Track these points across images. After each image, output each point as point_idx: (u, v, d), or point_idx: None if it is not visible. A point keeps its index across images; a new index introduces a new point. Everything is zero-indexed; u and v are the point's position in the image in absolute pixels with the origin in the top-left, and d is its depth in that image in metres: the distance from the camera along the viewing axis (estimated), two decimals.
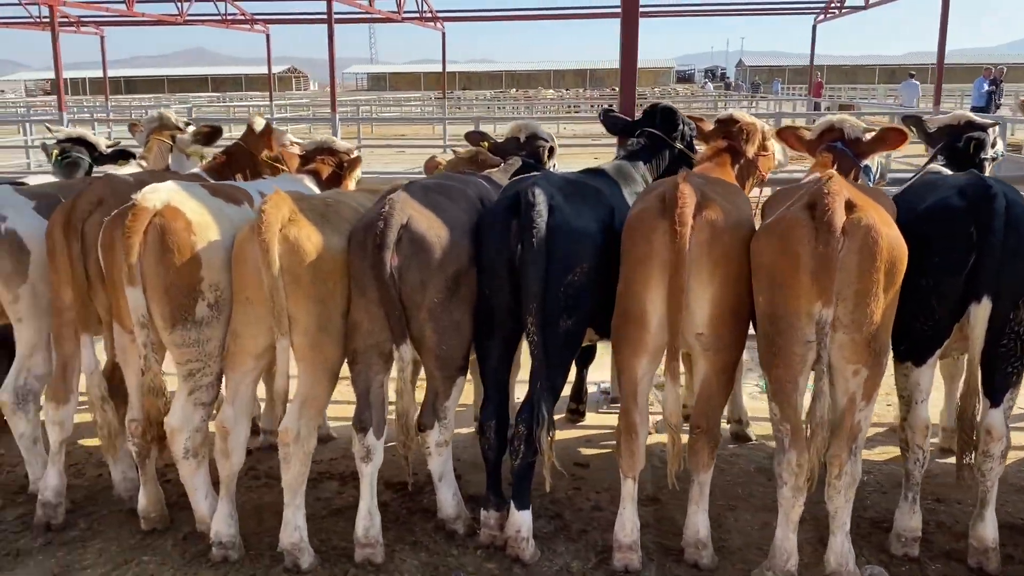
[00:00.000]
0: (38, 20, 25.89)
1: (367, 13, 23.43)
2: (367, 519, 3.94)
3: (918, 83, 31.51)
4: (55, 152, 5.66)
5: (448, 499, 4.18)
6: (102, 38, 28.47)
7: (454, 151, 5.38)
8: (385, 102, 45.94)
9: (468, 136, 5.70)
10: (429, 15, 28.69)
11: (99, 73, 30.69)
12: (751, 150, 4.82)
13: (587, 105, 47.46)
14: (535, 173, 4.52)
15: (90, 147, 5.82)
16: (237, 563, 3.96)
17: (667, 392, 3.72)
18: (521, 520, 3.95)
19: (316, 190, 4.98)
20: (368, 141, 22.94)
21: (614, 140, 5.96)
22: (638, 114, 5.43)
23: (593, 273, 3.89)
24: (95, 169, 5.84)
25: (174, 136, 5.82)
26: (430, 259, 3.75)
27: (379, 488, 4.15)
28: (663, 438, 4.05)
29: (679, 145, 5.18)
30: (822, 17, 30.33)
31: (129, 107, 35.37)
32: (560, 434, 4.28)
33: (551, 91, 57.88)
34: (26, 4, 24.22)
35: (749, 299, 3.67)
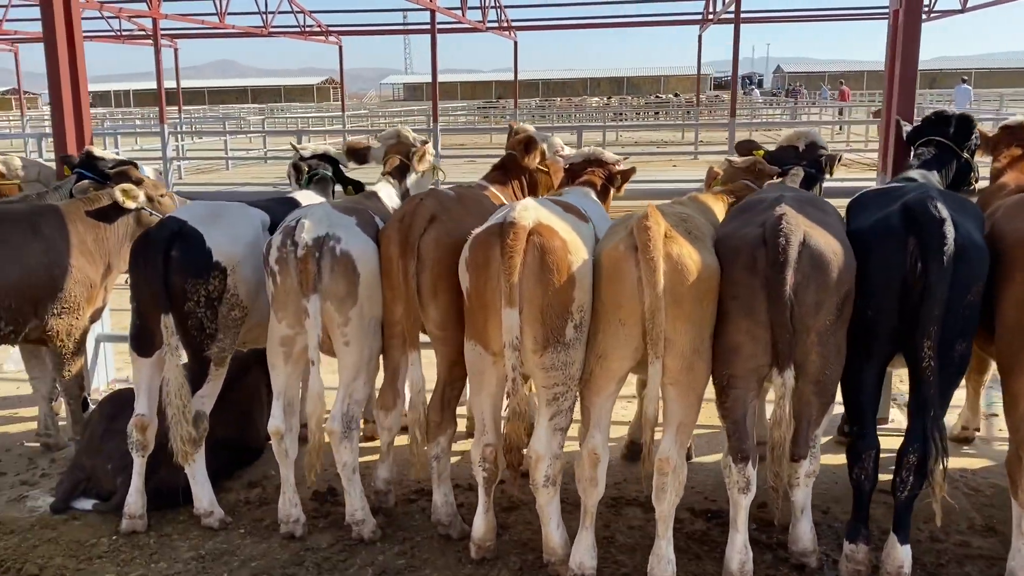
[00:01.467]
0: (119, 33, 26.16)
1: (458, 22, 23.32)
2: (742, 553, 3.73)
3: (970, 87, 31.10)
4: (305, 170, 5.51)
5: (806, 532, 3.95)
6: (175, 50, 28.63)
7: (728, 160, 5.16)
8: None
9: (739, 146, 5.48)
10: (505, 24, 28.58)
11: (142, 84, 30.85)
12: None
13: (632, 112, 47.35)
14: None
15: (334, 163, 5.67)
16: None
17: None
18: (904, 555, 3.72)
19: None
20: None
21: (678, 147, 5.60)
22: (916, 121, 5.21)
23: (982, 292, 3.68)
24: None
25: (409, 153, 5.63)
26: (827, 278, 3.54)
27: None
28: None
29: (966, 155, 4.96)
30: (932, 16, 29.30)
31: (204, 118, 35.50)
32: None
33: (595, 99, 57.53)
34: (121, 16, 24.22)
35: None
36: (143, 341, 4.25)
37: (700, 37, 31.31)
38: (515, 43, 31.04)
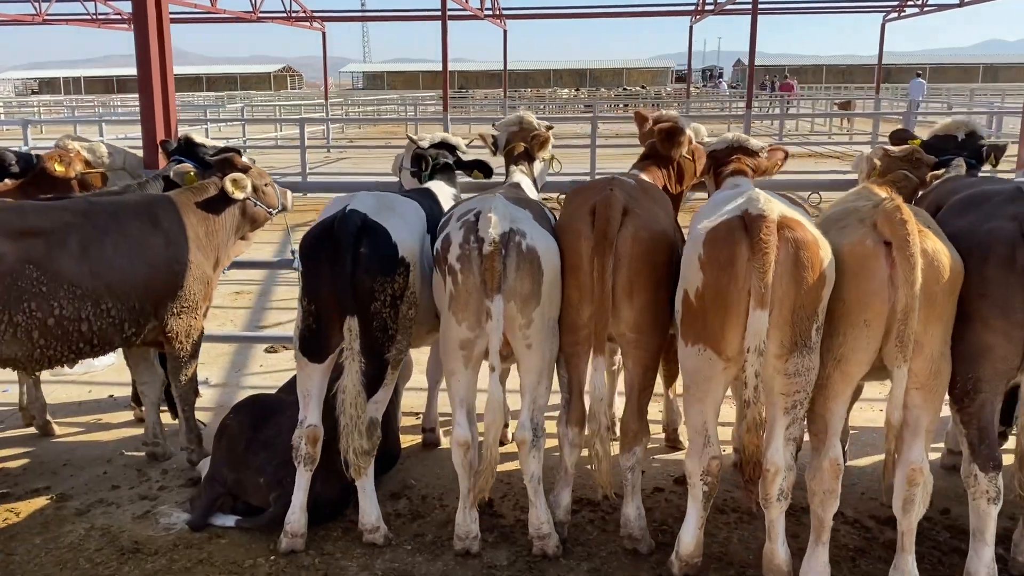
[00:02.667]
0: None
1: (463, 9, 22.86)
2: (990, 567, 3.52)
3: (924, 81, 31.67)
4: (430, 159, 5.16)
5: None
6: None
7: (884, 149, 4.94)
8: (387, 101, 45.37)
9: (893, 135, 5.27)
10: (497, 12, 28.15)
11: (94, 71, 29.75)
12: None
13: (606, 104, 47.11)
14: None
15: (452, 150, 5.33)
16: None
17: None
18: None
19: None
20: None
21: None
22: None
23: None
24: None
25: (531, 138, 5.31)
26: None
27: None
28: None
29: None
30: (894, 16, 29.89)
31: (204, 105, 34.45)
32: None
33: (565, 91, 57.34)
34: None
35: None
36: (317, 345, 3.89)
37: (691, 28, 31.23)
38: (504, 32, 30.64)
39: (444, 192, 4.93)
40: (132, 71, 6.20)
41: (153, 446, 5.07)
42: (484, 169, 5.29)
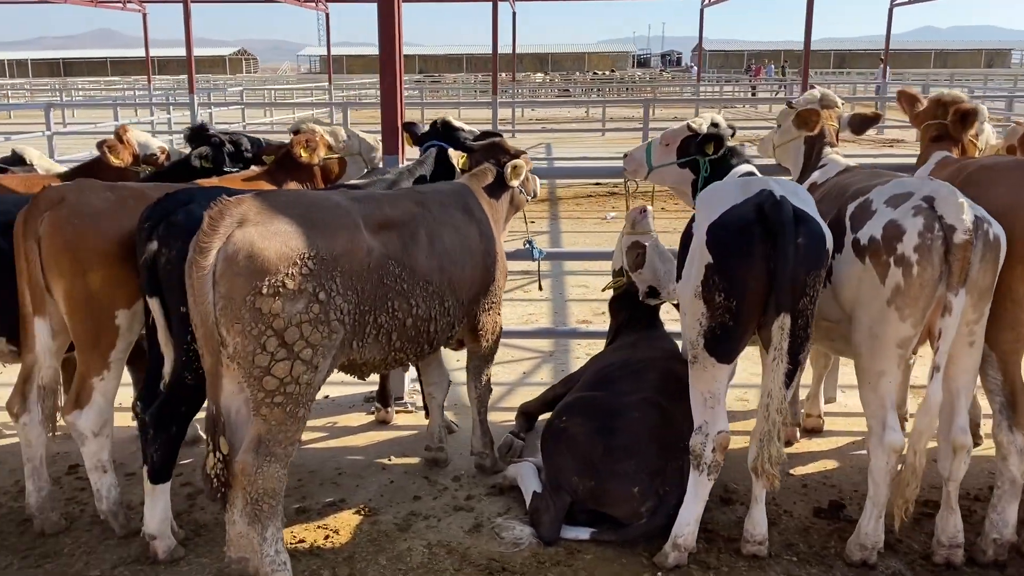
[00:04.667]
0: None
1: None
2: None
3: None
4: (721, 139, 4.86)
5: None
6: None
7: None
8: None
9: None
10: None
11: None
12: None
13: (580, 89, 46.85)
14: None
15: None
16: None
17: None
18: None
19: None
20: None
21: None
22: None
23: None
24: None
25: (839, 116, 5.01)
26: None
27: None
28: None
29: None
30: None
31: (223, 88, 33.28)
32: None
33: (539, 74, 56.97)
34: None
35: None
36: (730, 345, 3.59)
37: (702, 11, 31.01)
38: (513, 13, 29.98)
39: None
40: (79, 53, 5.76)
41: (436, 451, 4.72)
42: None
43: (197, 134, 5.07)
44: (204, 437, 3.58)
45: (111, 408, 3.93)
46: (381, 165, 5.36)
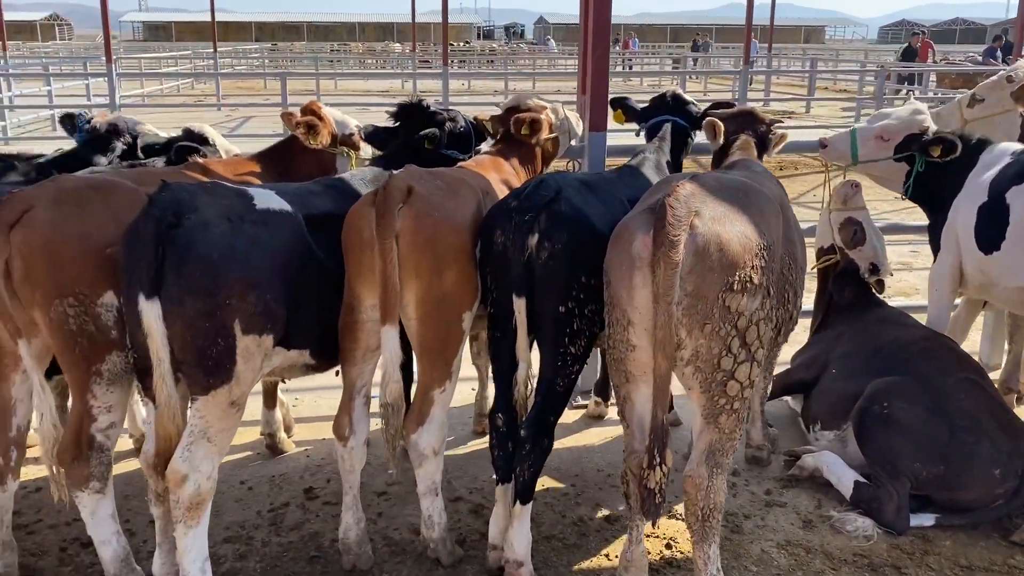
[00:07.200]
0: None
1: None
2: None
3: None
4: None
5: None
6: None
7: None
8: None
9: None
10: None
11: None
12: None
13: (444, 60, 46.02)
14: None
15: None
16: None
17: None
18: None
19: None
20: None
21: None
22: None
23: None
24: None
25: None
26: None
27: None
28: None
29: None
30: None
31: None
32: None
33: (397, 45, 55.67)
34: None
35: None
36: None
37: None
38: None
39: None
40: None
41: (757, 450, 4.50)
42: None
43: (414, 110, 4.47)
44: None
45: (447, 424, 3.48)
46: (584, 144, 5.00)
